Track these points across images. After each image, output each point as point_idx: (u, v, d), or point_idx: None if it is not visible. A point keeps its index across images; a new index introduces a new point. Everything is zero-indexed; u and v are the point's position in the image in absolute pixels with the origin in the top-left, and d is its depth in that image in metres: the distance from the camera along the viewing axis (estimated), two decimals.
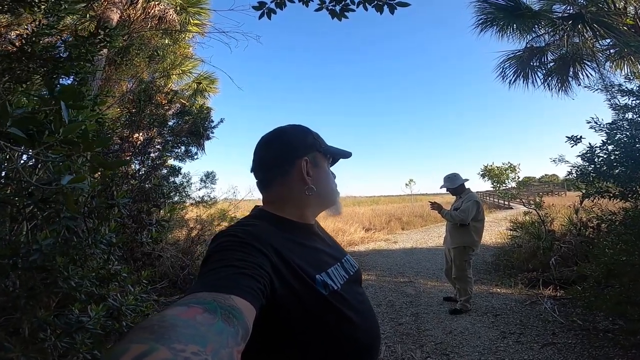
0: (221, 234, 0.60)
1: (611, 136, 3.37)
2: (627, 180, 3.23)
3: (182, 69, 6.77)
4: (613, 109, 3.52)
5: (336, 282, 0.64)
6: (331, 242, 0.82)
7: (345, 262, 0.76)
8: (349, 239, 9.14)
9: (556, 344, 2.54)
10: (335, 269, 0.69)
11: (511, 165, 20.42)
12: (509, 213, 13.82)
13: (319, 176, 0.75)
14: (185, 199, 6.00)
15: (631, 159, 3.16)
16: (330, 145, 0.82)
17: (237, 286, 0.45)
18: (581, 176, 3.68)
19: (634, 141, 3.18)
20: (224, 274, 0.48)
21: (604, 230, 5.12)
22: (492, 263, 5.85)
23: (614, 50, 5.26)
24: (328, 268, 0.66)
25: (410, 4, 2.53)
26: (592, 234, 5.34)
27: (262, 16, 2.83)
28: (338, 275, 0.67)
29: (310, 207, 0.75)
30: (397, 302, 4.04)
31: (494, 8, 5.30)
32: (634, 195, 3.28)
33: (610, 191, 3.47)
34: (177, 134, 5.22)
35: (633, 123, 3.23)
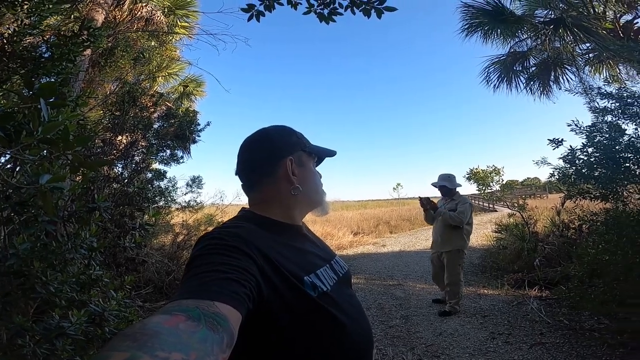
0: (205, 237, 0.58)
1: (591, 138, 3.45)
2: (607, 181, 3.30)
3: (168, 71, 6.67)
4: (592, 112, 3.61)
5: (326, 283, 0.63)
6: (320, 243, 0.81)
7: (334, 263, 0.75)
8: (338, 243, 9.13)
9: (544, 343, 2.57)
10: (325, 270, 0.68)
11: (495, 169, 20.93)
12: (493, 215, 14.10)
13: (304, 176, 0.74)
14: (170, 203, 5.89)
15: (611, 161, 3.24)
16: (315, 145, 0.81)
17: (221, 292, 0.44)
18: (563, 178, 3.75)
19: (613, 143, 3.27)
20: (207, 280, 0.46)
21: (585, 231, 5.27)
22: (479, 265, 5.94)
23: (593, 55, 5.46)
24: (317, 269, 0.65)
25: (397, 9, 2.57)
26: (574, 235, 5.48)
27: (251, 18, 2.82)
28: (327, 277, 0.66)
29: (297, 208, 0.74)
30: (387, 305, 4.04)
31: (479, 13, 5.43)
32: (614, 196, 3.36)
33: (591, 192, 3.54)
34: (162, 137, 5.13)
35: (612, 126, 3.34)
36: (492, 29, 5.56)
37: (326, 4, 2.71)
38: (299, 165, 0.73)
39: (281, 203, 0.71)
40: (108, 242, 3.40)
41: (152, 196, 4.68)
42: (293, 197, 0.72)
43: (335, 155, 0.85)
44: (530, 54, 5.80)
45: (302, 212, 0.76)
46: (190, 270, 0.50)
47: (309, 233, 0.80)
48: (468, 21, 5.63)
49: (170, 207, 5.85)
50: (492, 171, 21.08)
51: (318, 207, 0.79)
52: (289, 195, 0.71)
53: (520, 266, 5.11)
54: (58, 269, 1.28)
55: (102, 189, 3.73)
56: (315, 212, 0.80)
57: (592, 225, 4.82)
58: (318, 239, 0.83)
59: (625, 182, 3.26)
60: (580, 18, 4.55)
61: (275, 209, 0.71)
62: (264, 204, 0.71)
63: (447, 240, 3.52)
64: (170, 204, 5.78)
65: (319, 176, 0.80)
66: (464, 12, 5.59)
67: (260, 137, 0.76)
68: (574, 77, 5.63)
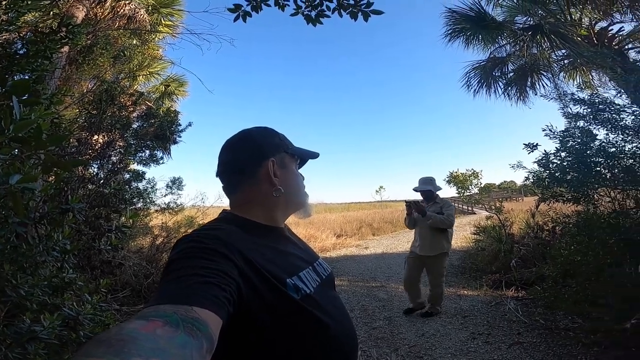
0: (184, 239, 0.57)
1: (564, 143, 3.58)
2: (579, 184, 3.40)
3: (149, 70, 6.53)
4: (566, 117, 3.74)
5: (309, 285, 0.63)
6: (303, 245, 0.80)
7: (317, 265, 0.75)
8: (321, 245, 9.13)
9: (522, 343, 2.65)
10: (308, 272, 0.67)
11: (474, 172, 21.68)
12: (472, 218, 14.48)
13: (286, 177, 0.74)
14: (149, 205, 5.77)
15: (582, 165, 3.36)
16: (298, 146, 0.81)
17: (200, 297, 0.43)
18: (537, 181, 3.87)
19: (585, 148, 3.40)
20: (186, 284, 0.45)
21: (558, 232, 5.49)
22: (459, 266, 6.07)
23: (567, 61, 5.72)
24: (300, 271, 0.65)
25: (383, 12, 2.61)
26: (547, 237, 5.69)
27: (237, 19, 2.79)
28: (310, 279, 0.66)
29: (279, 209, 0.73)
30: (370, 307, 4.06)
31: (462, 19, 5.58)
32: (585, 199, 3.48)
33: (564, 195, 3.66)
34: (141, 137, 4.98)
35: (584, 131, 3.48)
36: (473, 34, 5.74)
37: (314, 6, 2.71)
38: (281, 167, 0.73)
39: (263, 205, 0.71)
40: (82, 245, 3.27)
41: (129, 198, 4.54)
42: (275, 199, 0.71)
43: (317, 157, 0.85)
44: (509, 59, 6.00)
45: (284, 214, 0.76)
46: (168, 274, 0.49)
47: (292, 235, 0.80)
48: (451, 26, 5.80)
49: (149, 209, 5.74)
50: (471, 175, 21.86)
51: (301, 209, 0.79)
52: (270, 197, 0.71)
53: (498, 267, 5.25)
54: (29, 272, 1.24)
55: (77, 190, 3.57)
56: (298, 214, 0.80)
57: (565, 227, 5.02)
58: (301, 241, 0.83)
59: (596, 185, 3.38)
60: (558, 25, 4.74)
61: (256, 211, 0.70)
62: (245, 206, 0.71)
63: (434, 244, 3.45)
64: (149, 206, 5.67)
65: (301, 178, 0.80)
66: (448, 17, 5.75)
67: (242, 138, 0.76)
68: (549, 83, 5.88)
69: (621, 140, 3.29)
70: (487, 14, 5.44)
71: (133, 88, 5.85)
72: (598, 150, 3.32)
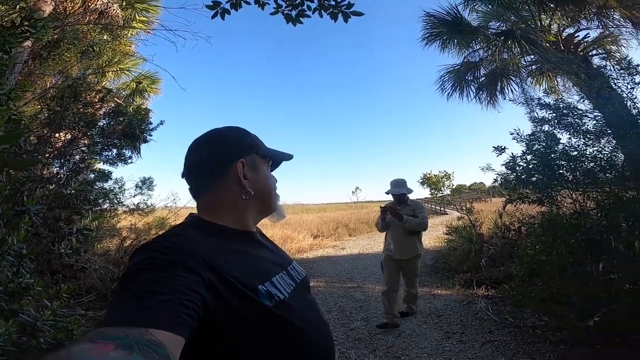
0: (143, 249, 0.53)
1: (530, 147, 3.74)
2: (544, 186, 3.55)
3: (120, 66, 6.26)
4: (532, 121, 3.91)
5: (283, 291, 0.61)
6: (276, 249, 0.79)
7: (291, 269, 0.73)
8: (298, 247, 9.09)
9: (494, 341, 2.74)
10: (281, 277, 0.66)
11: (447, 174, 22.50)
12: (444, 218, 14.97)
13: (257, 179, 0.71)
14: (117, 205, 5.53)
15: (547, 168, 3.52)
16: (270, 148, 0.79)
17: (157, 317, 0.41)
18: (504, 183, 4.02)
19: (549, 151, 3.57)
20: (143, 304, 0.43)
21: (524, 232, 5.76)
22: (432, 266, 6.22)
23: (535, 67, 6.01)
24: (273, 277, 0.63)
25: (364, 14, 2.62)
26: (514, 236, 5.96)
27: (215, 16, 2.72)
28: (284, 284, 0.64)
29: (249, 213, 0.71)
30: (347, 308, 4.07)
31: (439, 23, 5.73)
32: (549, 200, 3.65)
33: (529, 197, 3.82)
34: (108, 135, 4.73)
35: (548, 135, 3.66)
36: (449, 38, 5.90)
37: (294, 6, 2.68)
38: (251, 169, 0.70)
39: (232, 208, 0.68)
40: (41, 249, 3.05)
41: (94, 198, 4.30)
42: (245, 202, 0.69)
43: (291, 159, 0.83)
44: (481, 64, 6.23)
45: (255, 217, 0.73)
46: (124, 290, 0.46)
47: (264, 239, 0.78)
48: (429, 30, 5.94)
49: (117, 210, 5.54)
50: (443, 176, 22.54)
51: (272, 213, 0.77)
52: (240, 200, 0.68)
53: (469, 266, 5.42)
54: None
55: (34, 191, 3.32)
56: (270, 217, 0.78)
57: (530, 228, 5.27)
58: (274, 244, 0.81)
59: (559, 187, 3.55)
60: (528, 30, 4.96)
61: (225, 215, 0.67)
62: (213, 210, 0.67)
63: (409, 247, 3.39)
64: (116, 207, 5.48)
65: (274, 180, 0.78)
66: (426, 21, 5.88)
67: (210, 138, 0.72)
68: (517, 88, 6.15)
69: (583, 144, 3.48)
70: (464, 18, 5.61)
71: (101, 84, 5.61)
72: (561, 153, 3.49)
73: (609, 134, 3.35)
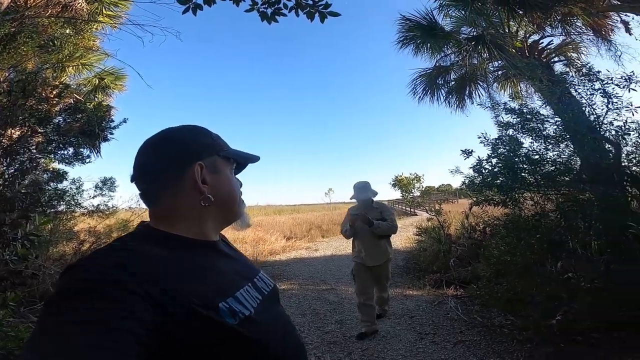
0: (75, 269, 0.46)
1: (495, 150, 3.89)
2: (507, 189, 3.70)
3: (82, 61, 5.85)
4: (498, 125, 4.07)
5: (248, 306, 0.57)
6: (241, 259, 0.73)
7: (258, 280, 0.68)
8: (270, 248, 8.96)
9: (465, 341, 2.81)
10: (246, 290, 0.61)
11: (417, 176, 23.27)
12: (415, 219, 15.40)
13: (218, 184, 0.64)
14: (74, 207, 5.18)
15: (510, 171, 3.68)
16: (235, 149, 0.72)
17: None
18: (471, 186, 4.15)
19: (513, 155, 3.73)
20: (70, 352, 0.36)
21: (489, 233, 6.03)
22: (404, 266, 6.34)
23: (501, 72, 6.32)
24: (236, 291, 0.58)
25: (340, 14, 2.60)
26: (479, 237, 6.22)
27: (187, 11, 2.60)
28: (250, 298, 0.59)
29: (209, 221, 0.64)
30: (322, 310, 4.04)
31: (414, 26, 5.86)
32: (513, 202, 3.80)
33: (494, 199, 3.96)
34: (64, 133, 4.39)
35: (512, 139, 3.83)
36: (423, 42, 6.06)
37: (270, 3, 2.62)
38: (212, 172, 0.63)
39: (189, 216, 0.61)
40: None
41: (47, 200, 3.96)
42: (204, 209, 0.61)
43: (258, 160, 0.76)
44: (452, 68, 6.45)
45: (216, 225, 0.66)
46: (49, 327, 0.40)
47: (228, 248, 0.72)
48: (404, 34, 6.07)
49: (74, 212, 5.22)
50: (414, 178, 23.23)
51: (236, 220, 0.71)
52: (198, 207, 0.61)
53: (439, 267, 5.56)
54: None
55: None
56: (234, 225, 0.72)
57: (494, 229, 5.51)
58: (239, 253, 0.75)
59: (522, 190, 3.72)
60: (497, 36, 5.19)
61: (181, 224, 0.60)
62: (167, 218, 0.60)
63: (380, 253, 3.28)
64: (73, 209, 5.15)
65: (238, 184, 0.71)
66: (402, 24, 6.00)
67: (165, 137, 0.64)
68: (484, 93, 6.46)
69: (544, 148, 3.67)
70: (438, 23, 5.79)
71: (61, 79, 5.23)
72: (524, 157, 3.65)
73: (568, 139, 3.56)
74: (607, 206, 2.83)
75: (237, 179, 0.72)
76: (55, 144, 4.18)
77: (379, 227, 3.21)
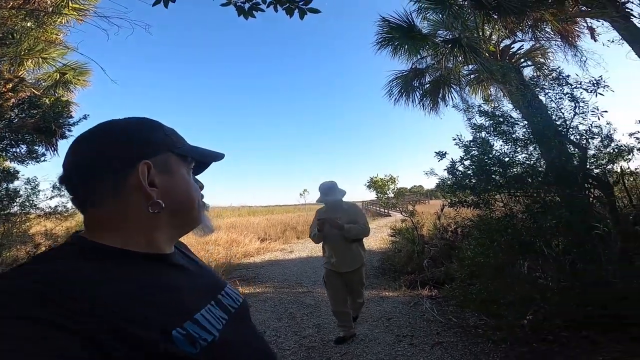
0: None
1: (468, 152, 3.98)
2: (480, 191, 3.78)
3: (43, 55, 5.48)
4: (472, 127, 4.17)
5: (211, 329, 0.48)
6: (203, 271, 0.63)
7: (224, 296, 0.59)
8: (244, 250, 8.75)
9: (442, 343, 2.83)
10: (208, 310, 0.52)
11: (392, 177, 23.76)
12: (389, 220, 15.66)
13: (170, 186, 0.54)
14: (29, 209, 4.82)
15: (483, 173, 3.77)
16: (194, 146, 0.62)
17: None
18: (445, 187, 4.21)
19: (484, 157, 3.83)
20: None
21: (460, 233, 6.20)
22: (379, 267, 6.39)
23: (473, 76, 6.54)
24: (195, 313, 0.49)
25: (321, 12, 2.54)
26: (451, 237, 6.39)
27: (158, 3, 2.44)
28: (213, 319, 0.51)
29: (160, 230, 0.54)
30: (298, 314, 3.96)
31: (393, 28, 5.91)
32: (485, 204, 3.90)
33: (467, 200, 4.03)
34: (16, 129, 4.03)
35: (484, 141, 3.93)
36: (401, 44, 6.14)
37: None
38: (162, 173, 0.54)
39: (133, 226, 0.51)
40: None
41: None
42: (152, 217, 0.51)
43: (222, 158, 0.66)
44: (427, 71, 6.58)
45: (171, 235, 0.56)
46: None
47: (187, 260, 0.61)
48: (382, 35, 6.11)
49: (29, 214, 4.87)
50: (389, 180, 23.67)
51: (196, 226, 0.61)
52: (145, 214, 0.51)
53: (413, 267, 5.63)
54: None
55: None
56: (195, 232, 0.62)
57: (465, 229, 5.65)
58: (201, 265, 0.65)
59: (493, 191, 3.83)
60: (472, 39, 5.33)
61: (124, 235, 0.50)
62: (106, 228, 0.50)
63: (354, 258, 3.05)
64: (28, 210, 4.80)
65: (196, 186, 0.60)
66: (381, 25, 6.03)
67: (102, 132, 0.53)
68: (457, 96, 6.66)
69: (513, 151, 3.80)
70: (416, 25, 5.88)
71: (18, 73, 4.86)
72: (495, 159, 3.75)
73: (535, 142, 3.70)
74: (574, 208, 2.95)
75: (198, 180, 0.63)
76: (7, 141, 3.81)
77: (349, 232, 2.96)
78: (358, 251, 3.08)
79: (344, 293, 3.12)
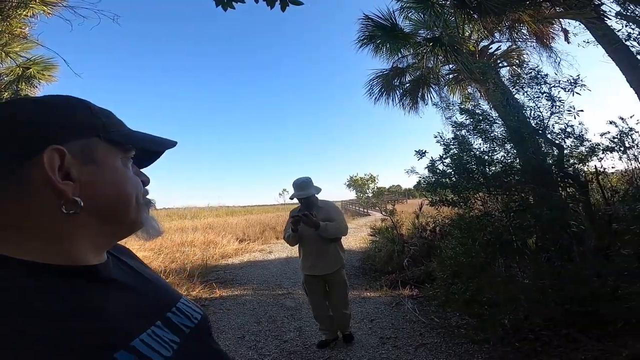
0: None
1: (447, 150, 3.99)
2: (460, 189, 3.75)
3: (5, 49, 5.26)
4: (453, 126, 4.18)
5: (154, 356, 0.38)
6: (147, 283, 0.51)
7: (175, 314, 0.49)
8: (222, 252, 8.50)
9: (426, 344, 2.79)
10: (152, 334, 0.41)
11: (372, 177, 24.00)
12: (368, 219, 15.74)
13: (95, 180, 0.43)
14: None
15: (462, 171, 3.77)
16: (135, 130, 0.51)
17: None
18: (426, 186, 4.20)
19: (464, 155, 3.84)
20: None
21: (438, 232, 6.27)
22: (360, 267, 6.35)
23: (452, 76, 6.65)
24: (133, 339, 0.38)
25: (303, 3, 2.44)
26: (430, 236, 6.45)
27: None
28: (158, 344, 0.40)
29: (82, 235, 0.42)
30: (279, 317, 3.84)
31: (375, 26, 5.90)
32: (465, 202, 3.90)
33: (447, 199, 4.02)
34: None
35: (464, 140, 3.96)
36: (382, 43, 6.14)
37: None
38: (83, 162, 0.42)
39: (43, 230, 0.40)
40: None
41: None
42: (69, 219, 0.40)
43: (174, 146, 0.54)
44: (407, 70, 6.63)
45: (100, 241, 0.45)
46: None
47: (126, 270, 0.50)
48: (364, 33, 6.09)
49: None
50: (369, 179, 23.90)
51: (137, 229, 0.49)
52: (60, 216, 0.40)
53: (393, 267, 5.61)
54: None
55: None
56: (138, 236, 0.51)
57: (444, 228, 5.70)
58: (147, 276, 0.53)
59: (472, 189, 3.84)
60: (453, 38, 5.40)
61: (30, 242, 0.39)
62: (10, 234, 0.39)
63: (333, 259, 2.86)
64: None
65: (137, 180, 0.49)
66: (364, 24, 6.01)
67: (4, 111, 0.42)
68: (436, 95, 6.76)
69: (491, 149, 3.84)
70: (398, 24, 5.91)
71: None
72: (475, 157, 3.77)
73: (511, 141, 3.76)
74: (551, 206, 3.00)
75: (143, 173, 0.52)
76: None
77: (326, 230, 2.73)
78: (337, 252, 2.88)
79: (324, 296, 2.95)
